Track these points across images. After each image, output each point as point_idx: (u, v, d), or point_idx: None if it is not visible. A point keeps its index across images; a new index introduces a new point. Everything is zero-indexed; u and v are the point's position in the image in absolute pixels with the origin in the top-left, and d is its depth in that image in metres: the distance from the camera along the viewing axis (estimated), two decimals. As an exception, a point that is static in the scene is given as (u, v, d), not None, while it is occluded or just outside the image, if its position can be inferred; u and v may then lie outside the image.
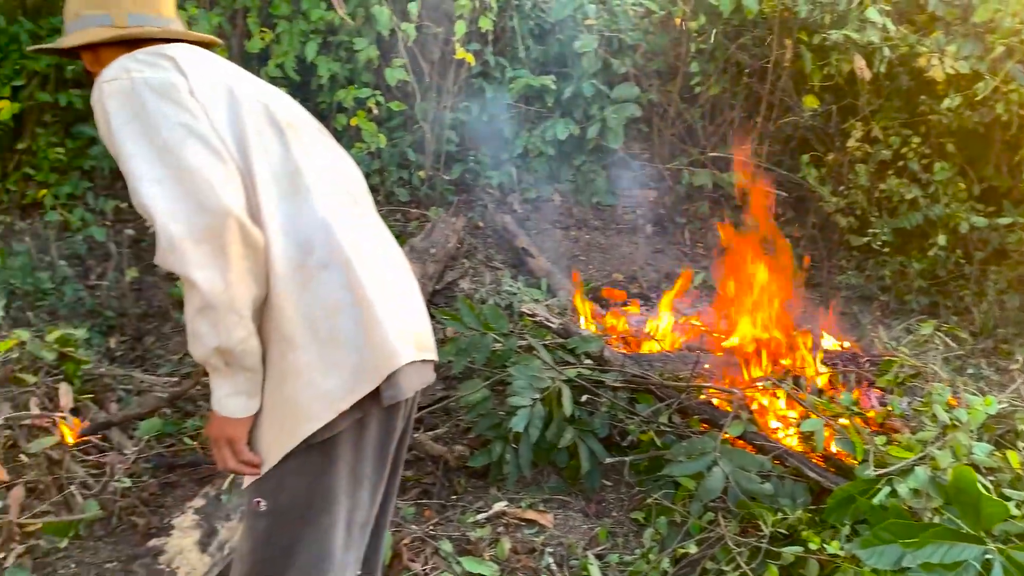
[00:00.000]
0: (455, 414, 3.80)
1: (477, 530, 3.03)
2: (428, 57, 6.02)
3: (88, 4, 1.75)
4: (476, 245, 5.83)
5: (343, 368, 1.60)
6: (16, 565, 2.68)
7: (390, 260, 1.80)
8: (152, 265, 5.02)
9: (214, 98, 1.61)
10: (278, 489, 1.66)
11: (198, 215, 1.47)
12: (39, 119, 5.73)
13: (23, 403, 3.15)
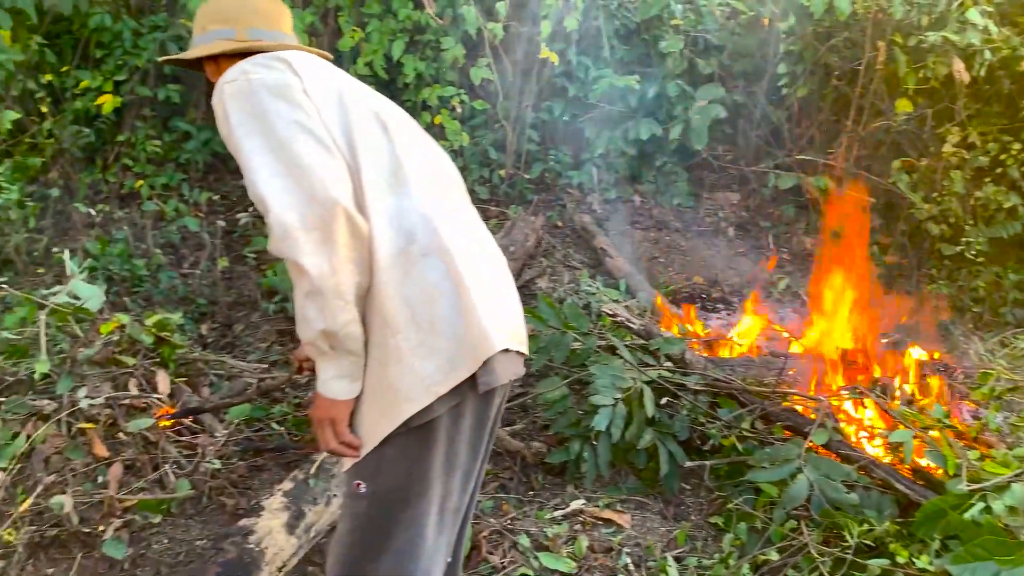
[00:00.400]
0: (532, 411, 3.82)
1: (554, 527, 3.04)
2: (512, 56, 6.06)
3: (214, 20, 1.89)
4: (554, 244, 5.85)
5: (441, 353, 1.65)
6: (114, 537, 2.79)
7: (487, 252, 1.85)
8: (242, 255, 5.20)
9: (326, 99, 1.70)
10: (377, 472, 1.72)
11: (308, 206, 1.54)
12: (138, 113, 5.98)
13: (122, 384, 3.29)
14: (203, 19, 1.92)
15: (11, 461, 2.89)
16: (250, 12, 1.89)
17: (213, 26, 1.89)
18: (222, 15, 1.89)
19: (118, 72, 5.67)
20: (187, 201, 5.62)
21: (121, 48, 5.66)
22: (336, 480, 2.92)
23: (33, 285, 4.46)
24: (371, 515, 1.74)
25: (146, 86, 5.77)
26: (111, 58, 5.69)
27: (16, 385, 3.21)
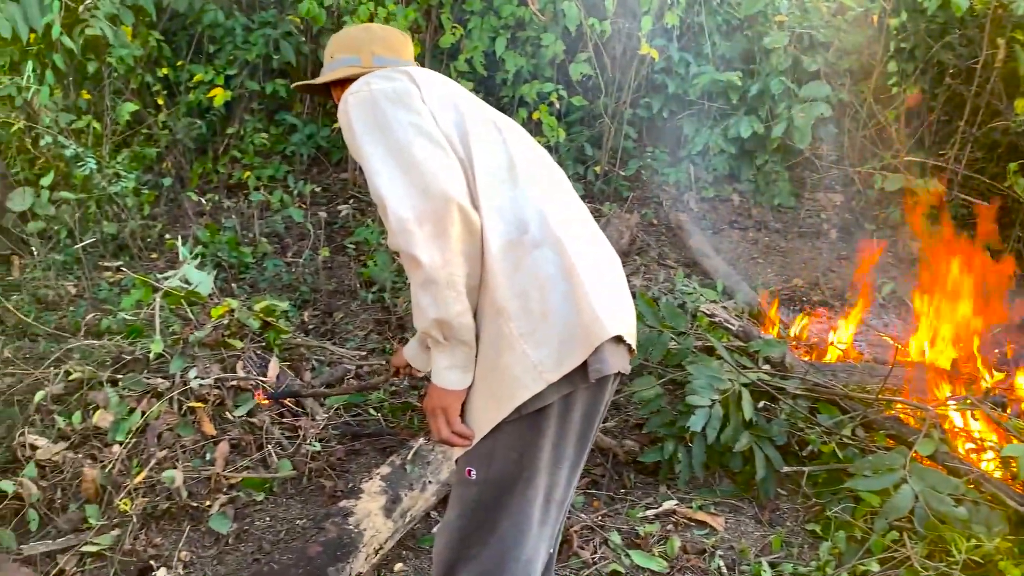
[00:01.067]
0: (625, 409, 3.80)
1: (646, 525, 3.02)
2: (611, 52, 6.03)
3: (342, 48, 2.08)
4: (649, 242, 5.79)
5: (553, 340, 1.68)
6: (220, 512, 2.92)
7: (598, 244, 1.87)
8: (342, 246, 5.34)
9: (442, 104, 1.80)
10: (489, 459, 1.76)
11: (423, 201, 1.62)
12: (247, 106, 6.20)
13: (231, 366, 3.42)
14: (332, 48, 2.11)
15: (127, 435, 3.05)
16: (375, 41, 2.07)
17: (341, 54, 2.07)
18: (350, 44, 2.08)
19: (229, 67, 5.89)
20: (292, 192, 5.80)
21: (232, 43, 5.88)
22: (432, 467, 2.97)
23: (147, 269, 4.69)
24: (480, 501, 1.78)
25: (255, 80, 5.97)
26: (223, 53, 5.91)
27: (132, 363, 3.38)
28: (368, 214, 5.77)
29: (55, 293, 4.44)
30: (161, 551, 2.75)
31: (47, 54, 4.77)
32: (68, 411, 3.11)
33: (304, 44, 6.06)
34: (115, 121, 5.22)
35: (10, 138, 4.62)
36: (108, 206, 4.95)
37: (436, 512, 3.05)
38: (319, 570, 2.37)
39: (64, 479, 2.91)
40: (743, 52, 6.35)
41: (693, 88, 6.17)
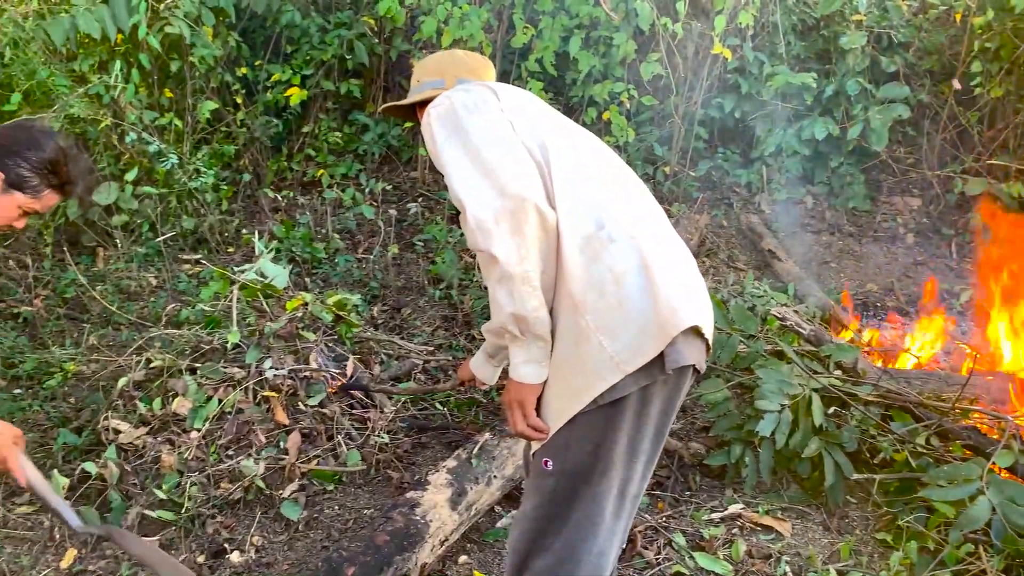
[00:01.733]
0: (692, 412, 3.78)
1: (711, 528, 2.99)
2: (683, 52, 5.98)
3: (428, 73, 2.20)
4: (719, 244, 5.73)
5: (629, 331, 1.70)
6: (291, 500, 3.00)
7: (671, 239, 1.90)
8: (411, 243, 5.41)
9: (519, 111, 1.88)
10: (565, 450, 1.80)
11: (500, 201, 1.67)
12: (322, 105, 6.33)
13: (304, 357, 3.51)
14: (418, 73, 2.23)
15: (204, 422, 3.15)
16: (458, 65, 2.18)
17: (426, 78, 2.19)
18: (434, 68, 2.20)
19: (305, 67, 6.02)
20: (363, 190, 5.91)
21: (309, 44, 6.01)
22: (497, 462, 3.00)
23: (224, 263, 4.83)
24: (556, 492, 1.82)
25: (330, 80, 6.09)
26: (299, 53, 6.05)
27: (210, 353, 3.49)
28: (436, 212, 5.84)
29: (137, 284, 4.62)
30: (234, 535, 2.84)
31: (133, 54, 4.96)
32: (149, 397, 3.23)
33: (377, 45, 6.16)
34: (196, 119, 5.39)
35: (98, 134, 4.81)
36: (188, 201, 5.11)
37: (500, 507, 3.08)
38: (386, 558, 2.42)
39: (144, 462, 3.02)
40: (818, 52, 6.24)
41: (767, 88, 6.08)
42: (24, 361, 3.74)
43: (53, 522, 2.84)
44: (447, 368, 4.05)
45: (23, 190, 2.17)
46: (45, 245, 4.74)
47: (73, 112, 4.52)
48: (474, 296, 4.69)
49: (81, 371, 3.66)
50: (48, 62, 4.58)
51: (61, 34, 4.50)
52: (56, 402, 3.51)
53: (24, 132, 2.22)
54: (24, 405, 3.44)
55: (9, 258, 4.65)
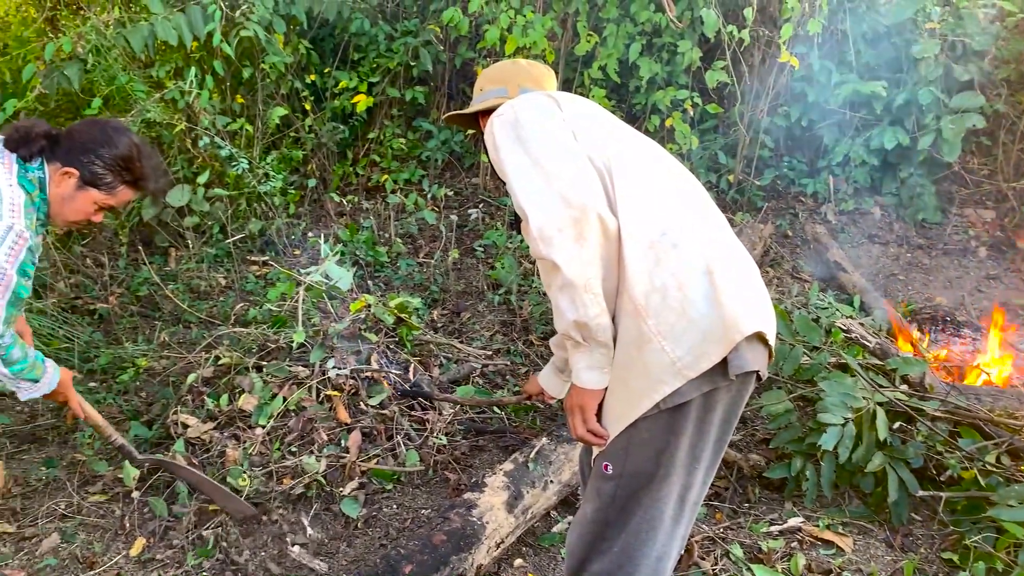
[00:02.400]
0: (752, 423, 3.73)
1: (769, 541, 2.95)
2: (749, 59, 5.91)
3: (491, 82, 2.24)
4: (783, 254, 5.64)
5: (692, 336, 1.70)
6: (351, 497, 3.05)
7: (734, 246, 1.88)
8: (472, 248, 5.45)
9: (580, 120, 1.90)
10: (626, 454, 1.81)
11: (562, 209, 1.69)
12: (387, 112, 6.44)
13: (366, 358, 3.57)
14: (482, 82, 2.27)
15: (269, 419, 3.23)
16: (521, 74, 2.21)
17: (490, 87, 2.23)
18: (498, 77, 2.24)
19: (372, 74, 6.14)
20: (426, 195, 5.98)
21: (376, 51, 6.13)
22: (553, 467, 3.01)
23: (290, 265, 4.94)
24: (616, 496, 1.83)
25: (395, 87, 6.20)
26: (366, 61, 6.17)
27: (276, 351, 3.57)
28: (497, 218, 5.89)
29: (207, 284, 4.76)
30: (296, 529, 2.90)
31: (208, 60, 5.12)
32: (217, 393, 3.33)
33: (442, 53, 6.25)
34: (266, 124, 5.53)
35: (172, 138, 4.98)
36: (257, 204, 5.25)
37: (556, 512, 3.09)
38: (443, 558, 2.44)
39: (211, 456, 3.11)
40: (889, 60, 6.09)
41: (835, 97, 5.97)
42: (99, 356, 3.88)
43: (124, 511, 2.95)
44: (505, 373, 4.08)
45: (98, 187, 2.25)
46: (120, 245, 4.92)
47: (150, 116, 4.68)
48: (533, 302, 4.71)
49: (152, 367, 3.79)
50: (127, 68, 4.75)
51: (140, 41, 4.67)
52: (128, 396, 3.63)
53: (98, 129, 2.29)
54: (99, 398, 3.58)
55: (86, 257, 4.83)
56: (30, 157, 2.19)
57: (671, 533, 1.85)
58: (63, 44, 4.49)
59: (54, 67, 4.57)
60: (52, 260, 4.46)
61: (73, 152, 2.22)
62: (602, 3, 5.53)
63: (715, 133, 6.34)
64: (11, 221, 2.08)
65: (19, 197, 2.13)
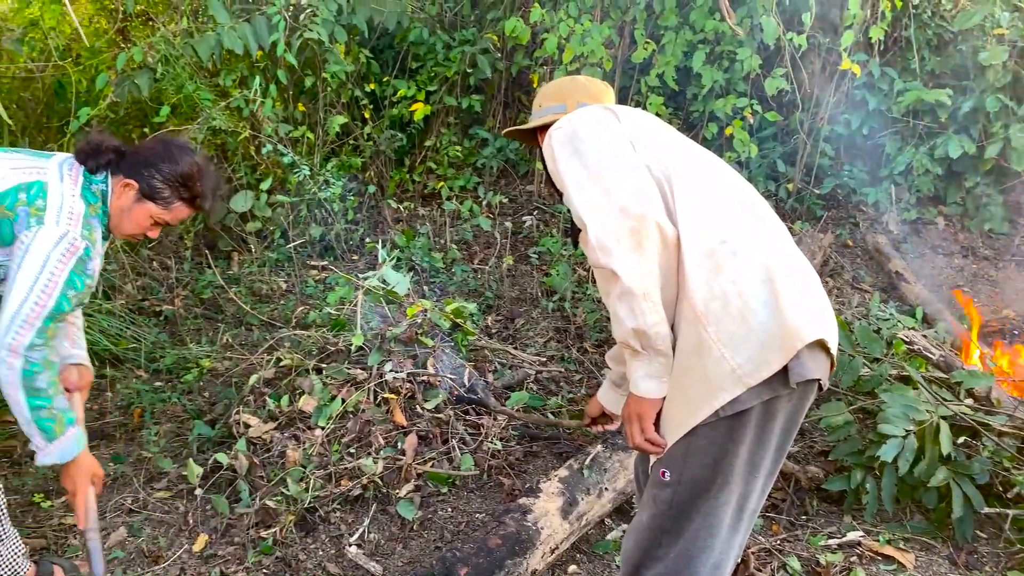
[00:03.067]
0: (810, 435, 3.67)
1: (828, 555, 2.90)
2: (810, 67, 5.84)
3: (550, 98, 2.26)
4: (843, 264, 5.55)
5: (752, 344, 1.69)
6: (407, 499, 3.09)
7: (794, 254, 1.87)
8: (526, 255, 5.47)
9: (639, 131, 1.90)
10: (684, 461, 1.80)
11: (620, 219, 1.70)
12: (444, 120, 6.51)
13: (423, 362, 3.61)
14: (541, 98, 2.29)
15: (328, 420, 3.29)
16: (579, 91, 2.22)
17: (548, 102, 2.25)
18: (557, 94, 2.25)
19: (429, 83, 6.21)
20: (481, 202, 6.03)
21: (433, 60, 6.20)
22: (608, 475, 3.01)
23: (349, 269, 5.02)
24: (673, 503, 1.82)
25: (452, 96, 6.26)
26: (424, 69, 6.24)
27: (335, 354, 3.64)
28: (552, 224, 5.90)
29: (268, 287, 4.86)
30: (353, 529, 2.94)
31: (272, 70, 5.24)
32: (278, 394, 3.40)
33: (499, 61, 6.29)
34: (326, 132, 5.64)
35: (236, 145, 5.11)
36: (317, 210, 5.35)
37: (611, 520, 3.08)
38: (498, 562, 2.46)
39: (271, 456, 3.18)
40: (954, 68, 5.96)
41: (897, 105, 5.86)
42: (165, 356, 4.00)
43: (187, 508, 3.03)
44: (559, 379, 4.09)
45: (155, 200, 2.27)
46: (185, 249, 5.06)
47: (215, 124, 4.81)
48: (587, 309, 4.72)
49: (216, 367, 3.89)
50: (194, 77, 4.89)
51: (207, 50, 4.80)
52: (192, 395, 3.73)
53: (162, 146, 2.33)
54: (164, 397, 3.68)
55: (153, 260, 4.98)
56: (97, 169, 2.23)
57: (728, 541, 1.84)
58: (134, 54, 4.64)
59: (125, 76, 4.73)
60: (120, 263, 4.61)
61: (136, 166, 2.25)
62: (660, 11, 5.52)
63: (774, 141, 6.27)
64: (67, 228, 2.09)
65: (79, 207, 2.15)
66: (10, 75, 4.84)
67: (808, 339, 1.69)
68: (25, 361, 2.03)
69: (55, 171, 2.18)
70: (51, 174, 2.16)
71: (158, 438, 3.40)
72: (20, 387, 2.04)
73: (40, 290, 2.03)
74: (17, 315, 2.01)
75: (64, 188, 2.15)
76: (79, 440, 2.22)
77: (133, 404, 3.66)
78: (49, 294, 2.04)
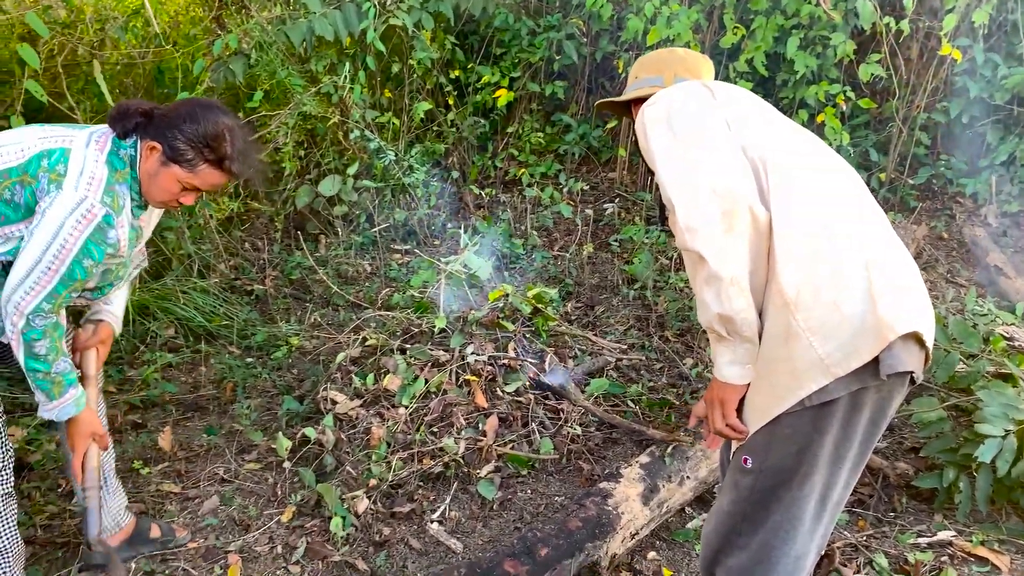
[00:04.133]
0: (900, 431, 3.57)
1: (917, 553, 2.82)
2: (906, 53, 5.63)
3: (647, 70, 2.23)
4: (938, 257, 5.35)
5: (843, 333, 1.64)
6: (487, 479, 3.12)
7: (892, 242, 1.81)
8: (607, 243, 5.45)
9: (735, 110, 1.85)
10: (766, 449, 1.77)
11: (711, 201, 1.65)
12: (527, 106, 6.52)
13: (503, 345, 3.64)
14: (637, 69, 2.26)
15: (411, 400, 3.35)
16: (677, 63, 2.19)
17: (646, 74, 2.22)
18: (654, 65, 2.22)
19: (513, 69, 6.22)
20: (562, 189, 6.02)
21: (518, 46, 6.21)
22: (690, 463, 2.98)
23: (430, 254, 5.09)
24: (754, 490, 1.80)
25: (536, 82, 6.26)
26: (508, 56, 6.26)
27: (419, 335, 3.70)
28: (633, 212, 5.85)
29: (354, 269, 4.97)
30: (435, 506, 3.00)
31: (361, 56, 5.33)
32: (363, 373, 3.48)
33: (584, 47, 6.26)
34: (411, 118, 5.72)
35: (325, 130, 5.22)
36: (401, 195, 5.43)
37: (691, 508, 3.06)
38: (578, 544, 2.47)
39: (356, 432, 3.26)
40: (1066, 52, 5.66)
41: (1000, 92, 5.60)
42: (256, 333, 4.13)
43: (276, 479, 3.13)
44: (639, 367, 4.06)
45: (179, 163, 2.13)
46: (276, 231, 5.21)
47: (306, 109, 4.93)
48: (669, 298, 4.67)
49: (304, 345, 4.00)
50: (285, 63, 5.01)
51: (299, 37, 4.92)
52: (282, 372, 3.85)
53: (187, 107, 2.20)
54: (255, 372, 3.81)
55: (245, 241, 5.14)
56: (125, 134, 2.14)
57: (810, 533, 1.81)
58: (229, 40, 4.79)
59: (221, 62, 4.88)
60: (214, 243, 4.77)
61: (161, 128, 2.14)
62: (751, -5, 5.40)
63: (866, 129, 6.07)
64: (85, 193, 2.00)
65: (101, 172, 2.06)
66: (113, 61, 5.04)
67: (902, 331, 1.63)
68: (27, 324, 2.01)
69: (83, 138, 2.10)
70: (77, 141, 2.09)
71: (249, 412, 3.52)
72: (20, 346, 2.04)
73: (52, 255, 1.98)
74: (27, 278, 1.98)
75: (88, 153, 2.06)
76: (77, 402, 2.20)
77: (226, 379, 3.80)
78: (62, 260, 1.99)
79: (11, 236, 2.04)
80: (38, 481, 3.04)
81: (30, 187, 2.01)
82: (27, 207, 2.02)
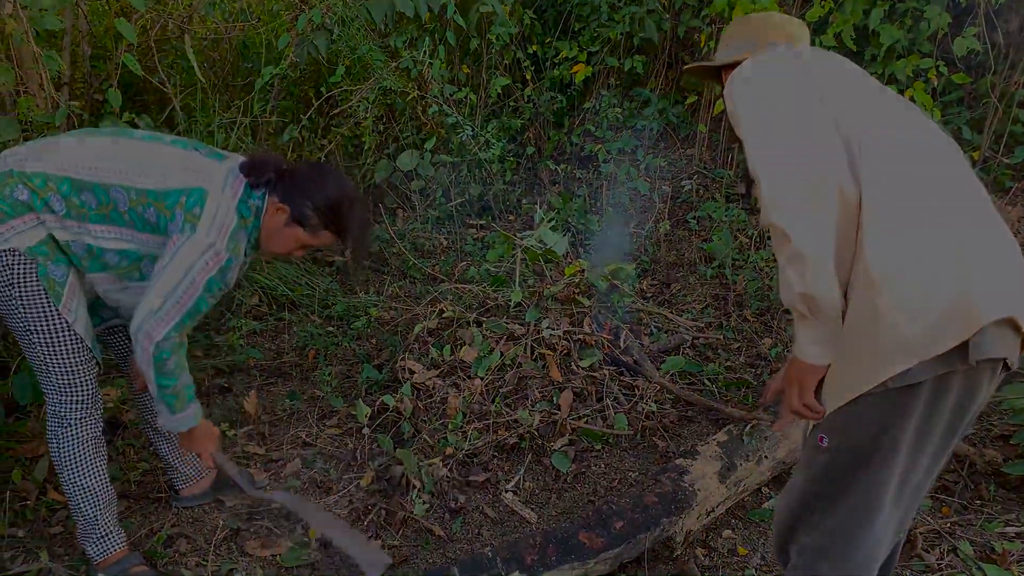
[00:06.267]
0: (989, 417, 3.45)
1: (1005, 542, 2.73)
2: (1005, 26, 5.38)
3: (740, 35, 2.15)
4: (1033, 240, 5.13)
5: (930, 315, 1.58)
6: (561, 452, 3.14)
7: (991, 221, 1.72)
8: (684, 220, 5.38)
9: (828, 81, 1.77)
10: (844, 430, 1.73)
11: (798, 176, 1.60)
12: (605, 81, 6.45)
13: (579, 320, 3.64)
14: (729, 33, 2.19)
15: (486, 372, 3.39)
16: (772, 28, 2.10)
17: (738, 40, 2.14)
18: (747, 31, 2.14)
19: (592, 44, 6.16)
20: (639, 166, 5.96)
21: (597, 21, 6.14)
22: (769, 443, 2.95)
23: (506, 229, 5.12)
24: (829, 470, 1.76)
25: (614, 57, 6.19)
26: (587, 30, 6.19)
27: (494, 309, 3.72)
28: (712, 190, 5.76)
29: (430, 243, 5.03)
30: (509, 477, 3.03)
31: (440, 32, 5.36)
32: (440, 344, 3.52)
33: (665, 22, 6.16)
34: (488, 94, 5.72)
35: (404, 105, 5.27)
36: (477, 170, 5.46)
37: (768, 488, 3.03)
38: (654, 518, 2.48)
39: (433, 401, 3.31)
40: None
41: (1108, 66, 5.31)
42: (336, 303, 4.23)
43: (355, 445, 3.21)
44: (716, 346, 4.02)
45: (304, 226, 2.32)
46: (355, 204, 5.29)
47: (386, 84, 4.98)
48: (748, 277, 4.60)
49: (382, 316, 4.07)
50: (367, 39, 5.07)
51: (380, 12, 4.96)
52: (361, 341, 3.93)
53: (318, 174, 2.37)
54: (336, 341, 3.90)
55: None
56: (257, 186, 2.30)
57: (889, 516, 1.75)
58: (313, 16, 4.86)
59: (304, 37, 4.96)
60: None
61: (291, 191, 2.30)
62: (840, -34, 5.22)
63: (959, 106, 5.82)
64: (215, 239, 2.18)
65: (231, 220, 2.22)
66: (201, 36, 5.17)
67: (995, 316, 1.56)
68: (157, 348, 2.17)
69: (220, 180, 2.25)
70: (215, 182, 2.24)
71: (330, 379, 3.61)
72: (151, 367, 2.21)
73: (182, 291, 2.16)
74: (159, 311, 2.15)
75: (223, 199, 2.22)
76: (196, 415, 2.40)
77: (308, 346, 3.90)
78: (190, 295, 2.17)
79: (131, 239, 2.22)
80: (132, 439, 3.18)
81: (164, 217, 2.19)
82: (154, 227, 2.21)
